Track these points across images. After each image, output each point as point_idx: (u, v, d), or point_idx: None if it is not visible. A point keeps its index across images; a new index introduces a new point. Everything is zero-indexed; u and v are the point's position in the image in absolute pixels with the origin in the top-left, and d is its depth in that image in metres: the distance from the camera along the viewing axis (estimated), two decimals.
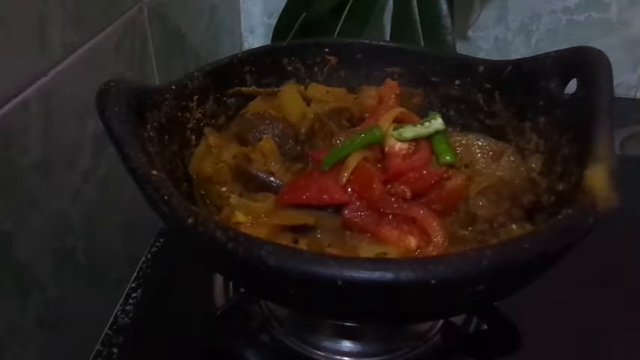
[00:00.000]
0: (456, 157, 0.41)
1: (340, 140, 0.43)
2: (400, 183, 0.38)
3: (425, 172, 0.39)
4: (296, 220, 0.37)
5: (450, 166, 0.40)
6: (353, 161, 0.38)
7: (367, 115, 0.47)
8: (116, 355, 0.46)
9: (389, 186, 0.38)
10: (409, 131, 0.40)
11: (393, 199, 0.37)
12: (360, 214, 0.37)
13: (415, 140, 0.41)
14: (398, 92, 0.47)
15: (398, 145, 0.40)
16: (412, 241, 0.36)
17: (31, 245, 0.37)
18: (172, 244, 0.57)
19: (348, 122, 0.47)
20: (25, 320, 0.38)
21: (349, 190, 0.38)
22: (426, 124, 0.41)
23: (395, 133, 0.41)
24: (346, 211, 0.37)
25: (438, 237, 0.36)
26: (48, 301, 0.40)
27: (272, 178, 0.41)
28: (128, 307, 0.51)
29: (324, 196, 0.38)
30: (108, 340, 0.47)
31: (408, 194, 0.37)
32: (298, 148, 0.44)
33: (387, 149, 0.40)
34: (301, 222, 0.37)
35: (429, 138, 0.41)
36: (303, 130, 0.45)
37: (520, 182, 0.41)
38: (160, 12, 0.57)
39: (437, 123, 0.41)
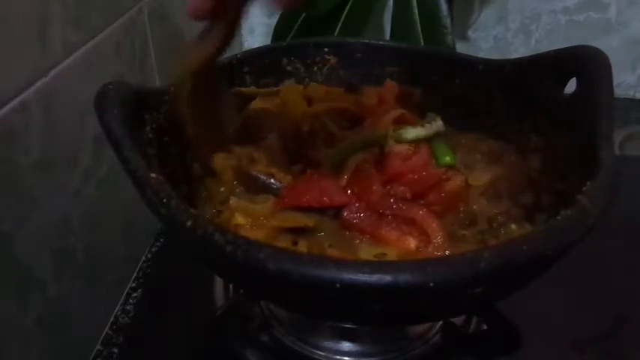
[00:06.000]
0: (456, 158, 0.41)
1: (340, 141, 0.43)
2: (400, 184, 0.38)
3: (425, 173, 0.39)
4: (295, 222, 0.37)
5: (450, 166, 0.40)
6: (353, 163, 0.38)
7: (367, 115, 0.47)
8: (116, 355, 0.46)
9: (389, 187, 0.38)
10: (409, 133, 0.40)
11: (392, 200, 0.37)
12: (360, 215, 0.37)
13: (415, 142, 0.41)
14: (398, 93, 0.47)
15: (398, 147, 0.40)
16: (412, 242, 0.36)
17: (31, 245, 0.37)
18: (172, 244, 0.57)
19: (348, 122, 0.47)
20: (25, 320, 0.38)
21: (349, 191, 0.38)
22: (426, 125, 0.41)
23: (395, 134, 0.41)
24: (346, 212, 0.37)
25: (438, 237, 0.36)
26: (48, 301, 0.40)
27: (272, 180, 0.41)
28: (128, 307, 0.51)
29: (324, 198, 0.38)
30: (108, 340, 0.47)
31: (408, 195, 0.37)
32: (299, 148, 0.44)
33: (386, 150, 0.40)
34: (301, 224, 0.37)
35: (428, 139, 0.41)
36: (303, 130, 0.45)
37: (520, 182, 0.41)
38: (160, 12, 0.57)
39: (437, 124, 0.41)
